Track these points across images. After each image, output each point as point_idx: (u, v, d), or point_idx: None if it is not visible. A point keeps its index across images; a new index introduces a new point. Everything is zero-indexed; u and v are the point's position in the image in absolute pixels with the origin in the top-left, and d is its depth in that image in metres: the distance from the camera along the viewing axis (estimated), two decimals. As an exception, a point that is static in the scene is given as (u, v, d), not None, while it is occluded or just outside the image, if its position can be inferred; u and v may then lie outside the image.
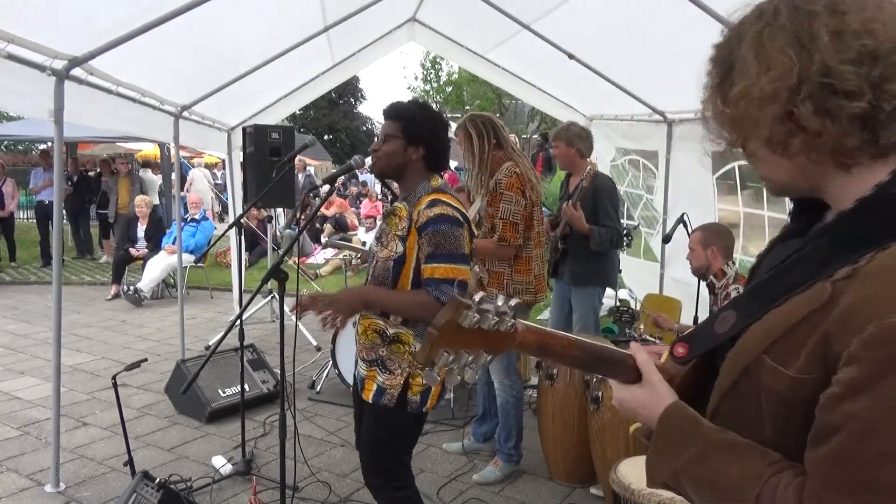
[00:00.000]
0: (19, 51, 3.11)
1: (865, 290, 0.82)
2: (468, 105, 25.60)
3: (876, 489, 0.81)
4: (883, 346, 0.80)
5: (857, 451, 0.82)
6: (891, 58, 0.81)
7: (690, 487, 0.97)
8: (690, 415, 1.00)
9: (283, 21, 4.77)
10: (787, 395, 0.90)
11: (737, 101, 0.90)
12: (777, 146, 0.90)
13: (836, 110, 0.83)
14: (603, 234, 3.84)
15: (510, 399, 3.57)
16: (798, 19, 0.85)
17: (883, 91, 0.81)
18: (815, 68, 0.83)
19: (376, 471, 2.42)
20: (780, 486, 0.87)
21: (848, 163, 0.87)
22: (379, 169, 2.43)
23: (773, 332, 0.92)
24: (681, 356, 1.08)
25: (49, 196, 10.84)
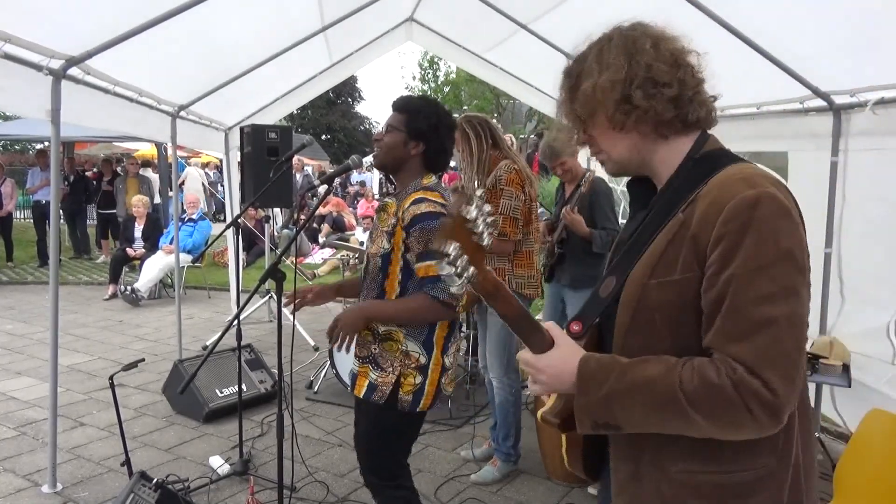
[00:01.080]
0: (16, 50, 3.11)
1: (710, 198, 1.12)
2: (466, 105, 25.62)
3: (760, 326, 1.05)
4: (734, 217, 1.07)
5: (741, 302, 1.06)
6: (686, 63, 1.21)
7: (619, 401, 1.13)
8: (605, 356, 1.20)
9: (280, 21, 4.76)
10: (675, 300, 1.14)
11: (583, 96, 1.23)
12: (617, 123, 1.22)
13: (657, 95, 1.19)
14: (603, 236, 3.86)
15: (509, 397, 3.57)
16: (626, 38, 1.22)
17: (685, 84, 1.20)
18: (642, 66, 1.18)
19: (372, 469, 2.42)
20: (695, 363, 1.09)
21: (666, 133, 1.23)
22: (379, 160, 2.43)
23: (649, 262, 1.18)
24: (576, 332, 1.28)
25: (46, 196, 10.81)
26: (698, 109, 1.21)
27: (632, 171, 1.32)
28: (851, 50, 3.25)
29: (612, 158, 1.29)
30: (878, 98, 3.30)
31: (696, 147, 1.23)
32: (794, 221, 1.09)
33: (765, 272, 1.05)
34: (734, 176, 1.13)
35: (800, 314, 1.07)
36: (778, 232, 1.06)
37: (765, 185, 1.09)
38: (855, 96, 3.43)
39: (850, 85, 3.42)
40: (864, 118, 3.43)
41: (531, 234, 3.57)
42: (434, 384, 2.34)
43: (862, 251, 3.62)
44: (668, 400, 1.09)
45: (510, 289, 3.75)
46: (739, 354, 1.05)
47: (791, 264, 1.06)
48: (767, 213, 1.06)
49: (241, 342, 3.73)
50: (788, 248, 1.06)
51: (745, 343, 1.05)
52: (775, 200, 1.08)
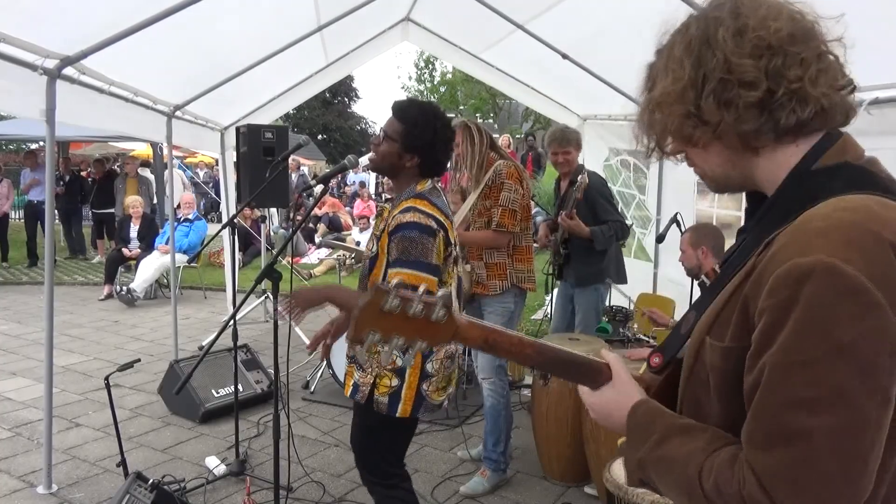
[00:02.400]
0: (11, 49, 3.09)
1: (774, 250, 0.88)
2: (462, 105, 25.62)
3: (788, 438, 0.83)
4: (780, 289, 0.84)
5: (766, 404, 0.85)
6: (787, 48, 0.91)
7: (652, 471, 0.99)
8: (655, 406, 1.04)
9: (276, 20, 4.76)
10: (724, 367, 0.95)
11: (651, 108, 1.02)
12: (686, 140, 1.00)
13: (735, 99, 0.92)
14: (606, 230, 3.88)
15: (500, 400, 3.55)
16: (704, 27, 0.96)
17: (782, 77, 0.91)
18: (717, 64, 0.93)
19: (365, 466, 2.47)
20: (719, 458, 0.90)
21: (755, 146, 0.96)
22: (374, 165, 2.45)
23: (711, 314, 0.99)
24: (657, 366, 1.12)
25: (38, 196, 10.78)
26: (799, 110, 0.91)
27: (737, 188, 1.06)
28: (846, 50, 3.26)
29: (706, 175, 1.06)
30: (873, 98, 3.31)
31: (810, 159, 0.95)
32: (865, 304, 0.80)
33: (803, 370, 0.82)
34: (814, 222, 0.86)
35: (854, 427, 0.81)
36: (830, 318, 0.80)
37: (835, 248, 0.82)
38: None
39: (844, 85, 3.43)
40: (859, 118, 3.43)
41: (528, 229, 3.61)
42: (413, 388, 2.31)
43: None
44: (689, 490, 0.93)
45: (511, 283, 3.71)
46: (757, 465, 0.85)
47: (845, 362, 0.80)
48: (820, 291, 0.81)
49: (238, 342, 3.73)
50: (844, 341, 0.80)
51: (766, 454, 0.84)
52: (836, 276, 0.80)
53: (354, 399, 2.37)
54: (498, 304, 3.50)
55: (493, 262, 3.50)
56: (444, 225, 2.31)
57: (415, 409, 2.33)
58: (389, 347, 0.98)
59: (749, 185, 1.04)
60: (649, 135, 1.05)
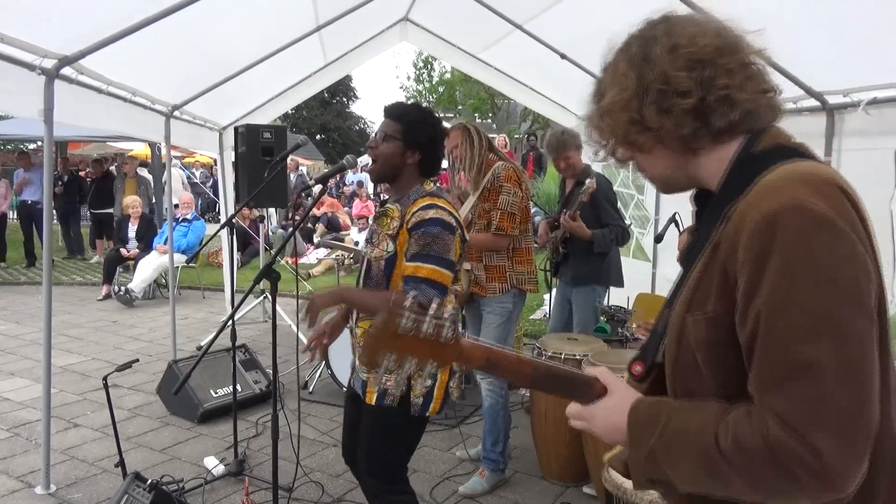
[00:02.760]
0: (9, 49, 3.09)
1: (738, 215, 0.95)
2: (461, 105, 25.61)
3: (798, 371, 0.85)
4: (753, 239, 0.90)
5: (769, 344, 0.88)
6: (716, 60, 1.02)
7: (663, 458, 0.98)
8: (654, 400, 1.06)
9: (275, 20, 4.75)
10: (711, 339, 0.98)
11: (600, 115, 1.12)
12: (632, 145, 1.10)
13: (673, 107, 1.03)
14: (607, 234, 3.88)
15: (499, 400, 3.55)
16: (643, 45, 1.07)
17: (711, 86, 1.02)
18: (656, 77, 1.04)
19: (377, 473, 2.40)
20: (731, 418, 0.92)
21: (694, 147, 1.07)
22: (376, 172, 2.39)
23: (687, 293, 1.04)
24: (639, 374, 1.13)
25: (32, 196, 10.78)
26: (729, 114, 1.02)
27: (681, 187, 1.15)
28: (845, 50, 3.26)
29: (654, 178, 1.16)
30: (871, 98, 3.32)
31: (747, 147, 1.05)
32: (836, 232, 0.87)
33: (796, 301, 0.85)
34: (767, 183, 0.95)
35: (854, 351, 0.85)
36: (808, 251, 0.86)
37: (794, 191, 0.89)
38: (848, 96, 3.45)
39: (843, 85, 3.44)
40: (857, 118, 3.44)
41: (528, 231, 3.61)
42: (443, 387, 2.35)
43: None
44: (707, 459, 0.92)
45: (511, 285, 3.71)
46: (774, 407, 0.86)
47: (831, 289, 0.85)
48: (792, 230, 0.86)
49: (236, 342, 3.72)
50: (826, 269, 0.85)
51: (779, 393, 0.86)
52: (801, 211, 0.87)
53: (383, 405, 2.30)
54: (497, 305, 3.50)
55: (492, 265, 3.50)
56: (461, 223, 2.34)
57: (443, 405, 2.38)
58: (402, 371, 0.98)
59: (694, 184, 1.13)
60: (600, 141, 1.14)
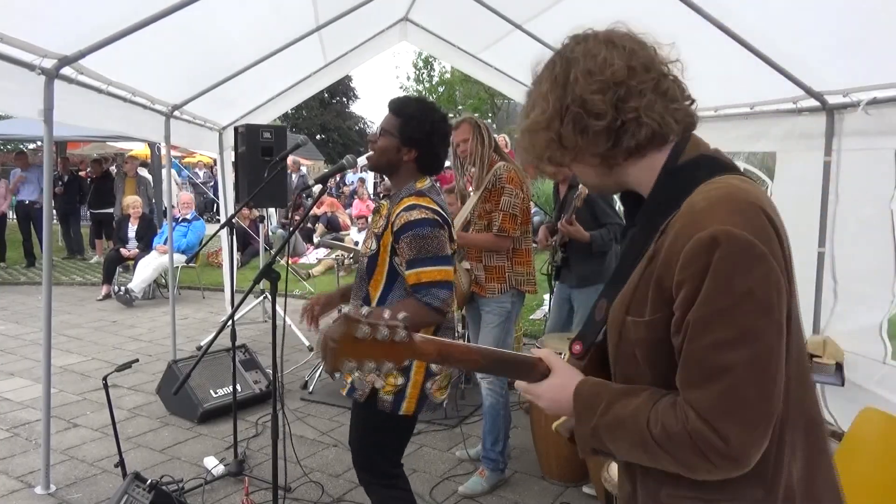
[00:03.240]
0: (8, 49, 3.09)
1: (673, 233, 1.07)
2: (461, 105, 25.61)
3: (716, 373, 1.01)
4: (693, 261, 1.03)
5: (697, 348, 1.03)
6: (627, 82, 1.11)
7: (605, 434, 1.13)
8: (597, 381, 1.19)
9: (275, 20, 4.75)
10: (649, 339, 1.12)
11: (523, 133, 1.22)
12: (552, 160, 1.20)
13: (587, 128, 1.13)
14: (605, 234, 3.89)
15: (499, 399, 3.55)
16: (565, 67, 1.16)
17: (623, 108, 1.11)
18: (573, 100, 1.13)
19: (364, 466, 2.45)
20: (661, 406, 1.08)
21: (610, 163, 1.18)
22: (372, 163, 2.42)
23: (625, 298, 1.16)
24: (578, 353, 1.27)
25: (29, 196, 10.78)
26: (637, 134, 1.13)
27: (613, 191, 1.29)
28: (844, 50, 3.26)
29: (587, 184, 1.28)
30: (871, 98, 3.32)
31: (673, 158, 1.16)
32: (755, 256, 1.01)
33: (721, 317, 1.01)
34: (698, 204, 1.07)
35: (763, 358, 1.02)
36: (735, 273, 1.01)
37: (722, 218, 1.02)
38: (848, 96, 3.45)
39: (843, 85, 3.44)
40: (857, 118, 3.44)
41: (528, 232, 3.61)
42: (417, 387, 2.32)
43: (855, 251, 3.64)
44: (641, 440, 1.09)
45: (510, 286, 3.72)
46: (694, 402, 1.03)
47: (750, 305, 1.01)
48: (725, 255, 1.00)
49: (236, 342, 3.72)
50: (747, 289, 1.01)
51: (701, 391, 1.03)
52: (732, 238, 1.01)
53: (353, 398, 2.36)
54: (495, 304, 3.50)
55: (492, 265, 3.50)
56: (448, 221, 2.34)
57: (418, 407, 2.35)
58: (363, 372, 1.07)
59: (625, 188, 1.24)
60: (527, 154, 1.24)
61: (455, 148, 3.59)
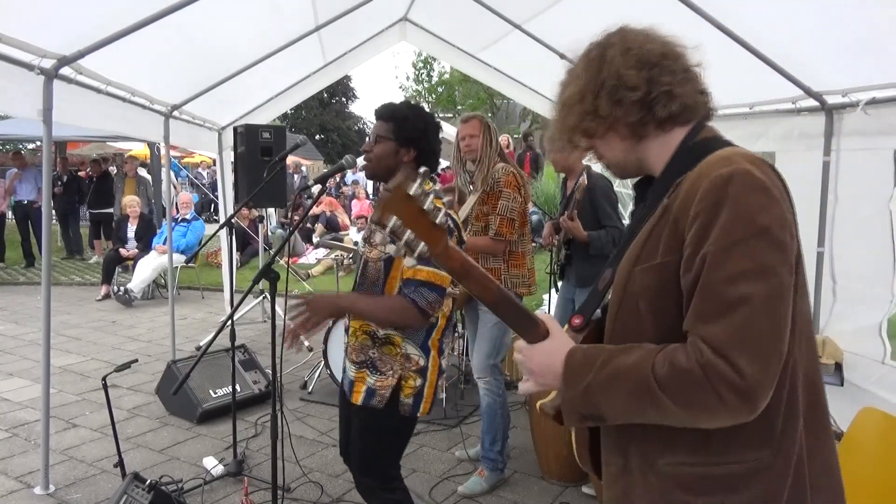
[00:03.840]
0: (7, 49, 3.09)
1: (691, 180, 1.12)
2: (460, 105, 25.61)
3: (732, 305, 1.02)
4: (708, 195, 1.06)
5: (713, 280, 1.04)
6: (660, 62, 1.20)
7: (599, 392, 1.12)
8: (591, 345, 1.20)
9: (274, 20, 4.75)
10: (657, 283, 1.13)
11: (559, 108, 1.29)
12: (586, 132, 1.26)
13: (623, 99, 1.20)
14: (603, 236, 3.88)
15: (497, 399, 3.54)
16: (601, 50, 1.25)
17: (656, 82, 1.19)
18: (611, 75, 1.21)
19: (369, 473, 2.40)
20: (668, 349, 1.08)
21: (641, 134, 1.24)
22: (371, 171, 2.40)
23: (634, 251, 1.19)
24: (577, 325, 1.29)
25: (27, 196, 10.77)
26: (669, 105, 1.19)
27: (633, 172, 1.32)
28: (843, 50, 3.27)
29: (610, 163, 1.31)
30: (870, 98, 3.32)
31: (690, 137, 1.23)
32: (771, 197, 1.06)
33: (738, 249, 1.02)
34: (715, 157, 1.13)
35: (778, 293, 1.03)
36: (752, 208, 1.04)
37: (741, 162, 1.08)
38: (847, 96, 3.45)
39: (842, 85, 3.44)
40: (856, 118, 3.45)
41: (525, 235, 3.60)
42: (432, 386, 2.34)
43: (854, 250, 3.64)
44: (642, 388, 1.07)
45: (506, 287, 3.72)
46: (709, 336, 1.02)
47: (767, 241, 1.03)
48: (741, 189, 1.05)
49: (235, 342, 3.72)
50: (764, 225, 1.03)
51: (716, 324, 1.02)
52: (749, 176, 1.06)
53: (370, 404, 2.30)
54: None
55: (487, 268, 3.50)
56: (459, 226, 2.33)
57: (432, 405, 2.37)
58: (400, 242, 1.08)
59: (644, 168, 1.29)
60: (561, 132, 1.29)
61: (460, 141, 3.58)
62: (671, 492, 1.15)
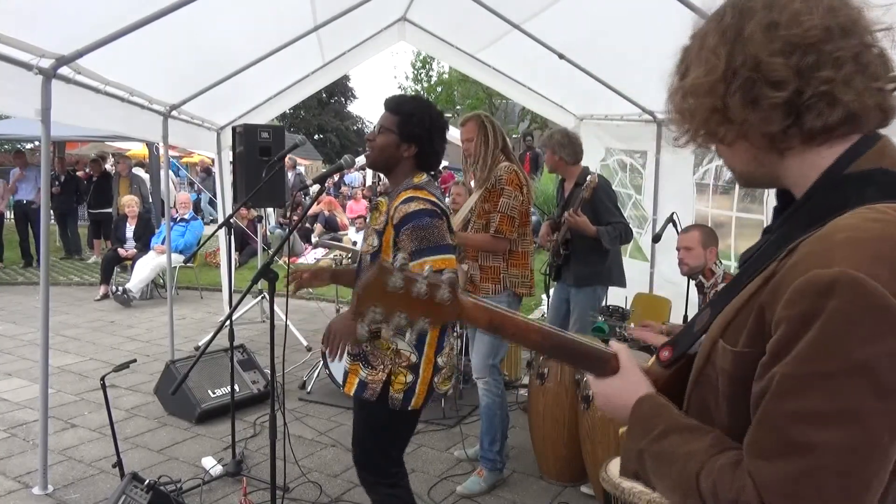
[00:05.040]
0: (6, 49, 3.09)
1: (795, 260, 0.85)
2: (459, 105, 25.63)
3: (792, 450, 0.80)
4: (801, 300, 0.80)
5: (774, 413, 0.82)
6: (821, 46, 0.85)
7: (651, 463, 0.98)
8: (662, 402, 1.03)
9: (273, 20, 4.75)
10: (734, 373, 0.92)
11: (682, 95, 0.97)
12: (712, 135, 0.96)
13: (761, 99, 0.88)
14: (611, 231, 3.89)
15: (496, 399, 3.54)
16: (738, 18, 0.91)
17: (812, 78, 0.86)
18: (745, 62, 0.89)
19: (365, 465, 2.44)
20: (720, 461, 0.88)
21: (781, 148, 0.92)
22: (371, 160, 2.43)
23: (727, 316, 0.96)
24: (665, 360, 1.09)
25: (27, 195, 10.75)
26: (829, 112, 0.87)
27: (764, 186, 1.04)
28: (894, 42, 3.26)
29: (734, 170, 1.03)
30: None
31: (843, 162, 0.90)
32: (887, 323, 0.77)
33: (820, 383, 0.78)
34: (840, 233, 0.82)
35: (862, 449, 0.77)
36: (853, 334, 0.77)
37: (858, 261, 0.78)
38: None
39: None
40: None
41: (526, 234, 3.59)
42: (426, 383, 2.34)
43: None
44: (685, 488, 0.92)
45: (504, 286, 3.72)
46: (757, 474, 0.82)
47: (865, 381, 0.77)
48: (846, 307, 0.77)
49: (234, 342, 3.72)
50: (865, 359, 0.77)
51: (769, 464, 0.82)
52: (859, 290, 0.77)
53: (361, 397, 2.33)
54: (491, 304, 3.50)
55: (487, 266, 3.50)
56: (446, 212, 2.34)
57: (426, 400, 2.37)
58: (391, 325, 0.97)
59: (777, 184, 1.00)
60: (681, 123, 1.00)
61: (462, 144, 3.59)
62: None
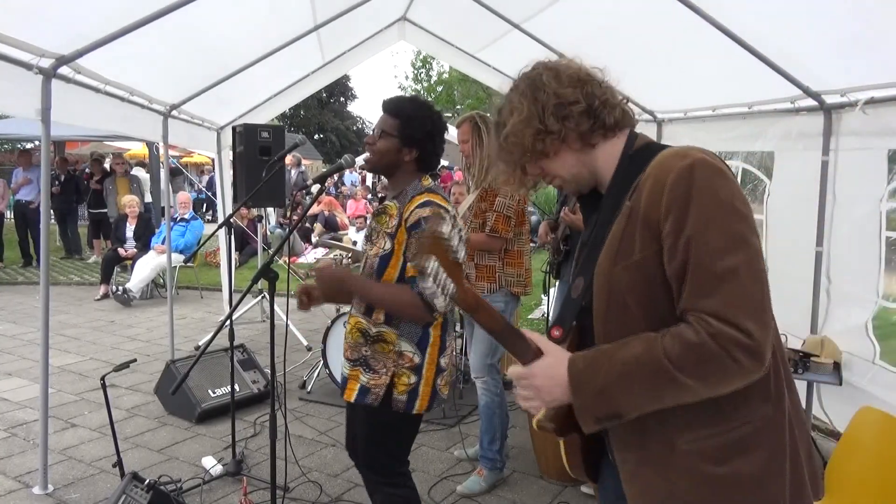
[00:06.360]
0: (6, 49, 3.09)
1: (652, 179, 1.21)
2: (459, 104, 25.62)
3: (723, 277, 1.12)
4: (676, 186, 1.17)
5: (699, 260, 1.13)
6: (588, 80, 1.33)
7: (616, 389, 1.18)
8: (590, 350, 1.24)
9: (273, 19, 4.75)
10: (641, 279, 1.21)
11: (506, 142, 1.36)
12: (539, 153, 1.33)
13: (569, 113, 1.30)
14: None
15: (495, 398, 3.54)
16: (529, 80, 1.36)
17: (592, 95, 1.32)
18: (550, 96, 1.31)
19: (372, 467, 2.43)
20: (671, 332, 1.15)
21: (592, 142, 1.34)
22: (371, 164, 2.41)
23: (610, 251, 1.25)
24: (558, 336, 1.34)
25: (28, 195, 10.74)
26: (612, 112, 1.32)
27: (587, 185, 1.39)
28: (842, 50, 3.27)
29: (565, 179, 1.38)
30: (869, 98, 3.32)
31: (629, 144, 1.34)
32: (727, 178, 1.19)
33: (714, 226, 1.13)
34: (667, 154, 1.24)
35: (756, 259, 1.14)
36: (716, 188, 1.16)
37: (696, 153, 1.20)
38: (845, 96, 3.45)
39: (840, 84, 3.44)
40: (855, 118, 3.45)
41: (523, 234, 3.59)
42: (429, 384, 2.33)
43: (849, 250, 3.64)
44: (657, 372, 1.14)
45: (500, 286, 3.72)
46: (711, 308, 1.11)
47: (735, 215, 1.15)
48: (704, 175, 1.16)
49: (234, 342, 3.72)
50: (729, 201, 1.15)
51: (714, 296, 1.12)
52: (707, 163, 1.18)
53: (364, 402, 2.31)
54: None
55: (483, 265, 3.50)
56: (455, 217, 2.33)
57: (430, 403, 2.35)
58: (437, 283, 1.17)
59: (595, 179, 1.37)
60: (509, 158, 1.36)
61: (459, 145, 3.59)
62: (696, 467, 1.22)
